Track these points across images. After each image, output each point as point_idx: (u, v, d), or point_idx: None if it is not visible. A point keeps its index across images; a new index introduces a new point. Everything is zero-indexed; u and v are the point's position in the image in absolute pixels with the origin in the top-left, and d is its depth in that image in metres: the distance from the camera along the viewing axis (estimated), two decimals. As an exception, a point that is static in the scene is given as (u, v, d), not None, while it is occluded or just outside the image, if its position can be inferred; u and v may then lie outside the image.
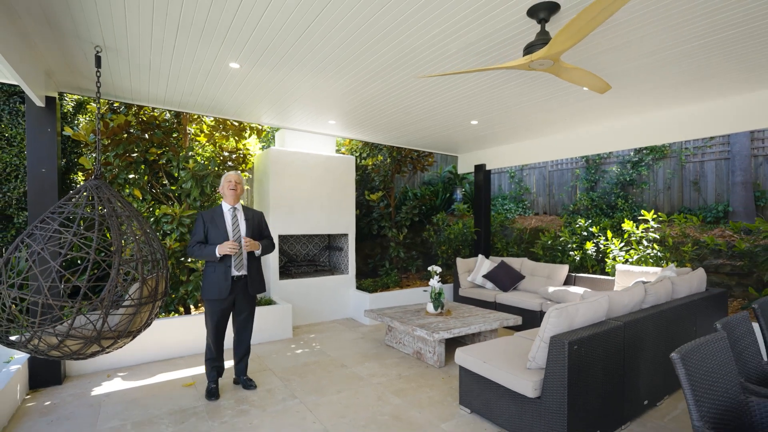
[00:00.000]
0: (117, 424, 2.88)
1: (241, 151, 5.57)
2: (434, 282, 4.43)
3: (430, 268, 4.53)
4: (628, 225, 5.53)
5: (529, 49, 2.44)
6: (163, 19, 2.59)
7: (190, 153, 4.69)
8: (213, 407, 3.15)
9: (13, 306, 2.65)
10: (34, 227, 2.53)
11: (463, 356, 3.01)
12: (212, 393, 3.29)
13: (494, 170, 9.76)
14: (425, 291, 5.42)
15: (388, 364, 4.11)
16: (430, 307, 4.47)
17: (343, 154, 7.35)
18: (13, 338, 2.50)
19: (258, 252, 3.40)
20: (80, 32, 2.79)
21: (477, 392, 2.95)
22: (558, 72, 2.56)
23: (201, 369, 3.89)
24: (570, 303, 2.62)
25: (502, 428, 2.77)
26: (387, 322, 4.41)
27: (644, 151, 7.10)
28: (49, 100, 3.51)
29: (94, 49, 3.01)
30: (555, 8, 2.39)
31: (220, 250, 3.15)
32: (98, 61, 3.06)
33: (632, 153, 7.29)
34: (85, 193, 2.66)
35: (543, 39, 2.39)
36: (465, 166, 7.13)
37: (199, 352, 4.35)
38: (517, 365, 2.69)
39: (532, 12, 2.43)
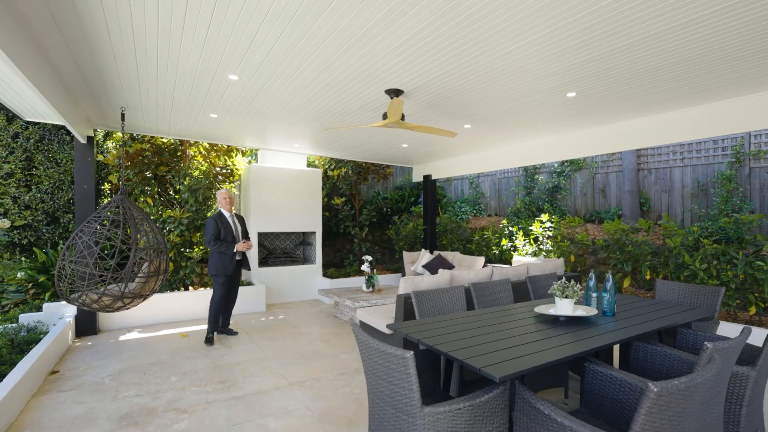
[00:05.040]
0: (134, 353, 4.45)
1: (229, 167, 7.14)
2: (365, 267, 5.92)
3: (363, 258, 6.02)
4: (536, 225, 6.93)
5: (384, 116, 3.92)
6: (163, 95, 4.14)
7: (188, 171, 6.28)
8: (196, 346, 4.70)
9: (73, 275, 4.22)
10: (84, 225, 4.11)
11: (361, 313, 4.51)
12: (211, 341, 4.79)
13: (456, 177, 11.17)
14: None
15: (328, 326, 5.62)
16: (364, 287, 5.97)
17: (316, 167, 8.88)
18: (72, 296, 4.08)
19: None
20: (111, 99, 4.35)
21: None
22: (408, 128, 4.04)
23: (194, 327, 5.46)
24: (418, 276, 4.09)
25: (378, 357, 4.26)
26: (332, 297, 5.92)
27: (566, 164, 8.46)
28: (89, 139, 5.11)
29: (120, 109, 4.59)
30: (400, 92, 3.86)
31: (238, 247, 4.78)
32: (123, 116, 4.64)
33: (556, 165, 8.64)
34: (114, 204, 4.24)
35: (391, 111, 3.86)
36: (417, 176, 8.58)
37: (193, 317, 5.92)
38: (387, 316, 4.18)
39: (387, 92, 3.90)
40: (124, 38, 2.90)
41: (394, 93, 3.87)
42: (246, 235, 5.12)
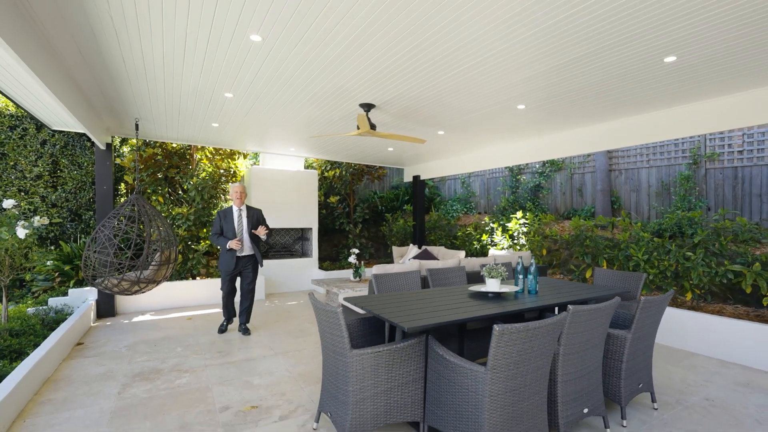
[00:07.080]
0: (147, 331, 5.16)
1: (232, 169, 7.83)
2: (352, 259, 6.55)
3: (351, 251, 6.65)
4: (513, 222, 7.49)
5: (358, 127, 4.54)
6: (170, 108, 4.83)
7: (195, 173, 6.99)
8: (201, 326, 5.39)
9: (96, 263, 4.93)
10: (106, 221, 4.82)
11: (342, 297, 5.13)
12: (222, 329, 5.36)
13: (449, 177, 11.73)
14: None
15: (318, 312, 6.26)
16: (352, 277, 6.60)
17: (313, 168, 9.54)
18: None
19: (263, 237, 4.90)
20: (127, 111, 5.05)
21: (349, 316, 5.06)
22: (379, 136, 4.65)
23: (199, 312, 6.16)
24: (389, 264, 4.70)
25: (355, 335, 4.89)
26: (323, 286, 6.57)
27: (547, 164, 8.98)
28: (108, 145, 5.84)
29: (134, 119, 5.29)
30: (372, 105, 4.48)
31: (229, 244, 4.76)
32: (137, 125, 5.35)
33: (538, 165, 9.17)
34: (130, 203, 4.93)
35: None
36: (408, 176, 9.18)
37: (199, 303, 6.63)
38: (363, 299, 4.79)
39: (362, 105, 4.52)
40: (136, 64, 3.57)
41: (367, 106, 4.49)
42: (257, 226, 4.91)
